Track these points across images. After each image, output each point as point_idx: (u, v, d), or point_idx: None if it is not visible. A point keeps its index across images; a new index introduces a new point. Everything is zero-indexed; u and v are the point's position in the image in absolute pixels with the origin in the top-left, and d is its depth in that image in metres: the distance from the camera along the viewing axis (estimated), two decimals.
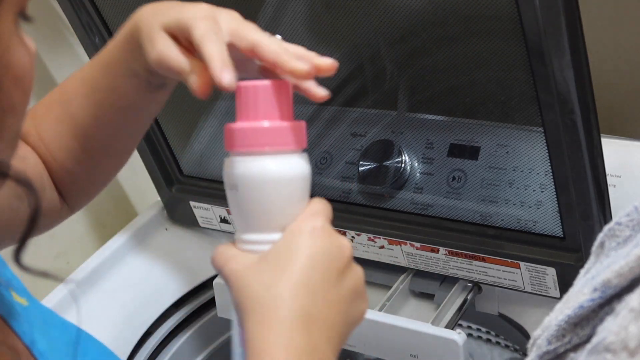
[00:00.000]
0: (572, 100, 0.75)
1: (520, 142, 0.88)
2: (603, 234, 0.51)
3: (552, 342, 0.50)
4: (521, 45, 0.77)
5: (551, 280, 0.90)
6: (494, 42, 0.83)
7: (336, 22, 0.91)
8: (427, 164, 0.94)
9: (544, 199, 0.87)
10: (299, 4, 0.92)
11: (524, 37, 0.75)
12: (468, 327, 1.16)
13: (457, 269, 0.96)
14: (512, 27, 0.77)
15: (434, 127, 0.94)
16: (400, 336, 0.96)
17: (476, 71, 0.87)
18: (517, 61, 0.80)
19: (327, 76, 0.58)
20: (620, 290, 0.47)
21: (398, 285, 1.02)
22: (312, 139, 1.01)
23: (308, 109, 1.00)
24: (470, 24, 0.84)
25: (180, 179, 1.13)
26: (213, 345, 1.21)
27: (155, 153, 1.11)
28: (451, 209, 0.93)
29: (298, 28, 0.94)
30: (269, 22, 0.95)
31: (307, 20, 0.92)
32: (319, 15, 0.92)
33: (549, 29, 0.72)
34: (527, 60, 0.77)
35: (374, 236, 0.99)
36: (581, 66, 0.74)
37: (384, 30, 0.89)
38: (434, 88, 0.92)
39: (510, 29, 0.78)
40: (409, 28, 0.88)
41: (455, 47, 0.87)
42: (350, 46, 0.93)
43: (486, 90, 0.88)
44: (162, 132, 1.09)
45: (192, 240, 1.19)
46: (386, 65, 0.93)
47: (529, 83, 0.79)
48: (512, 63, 0.81)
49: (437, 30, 0.87)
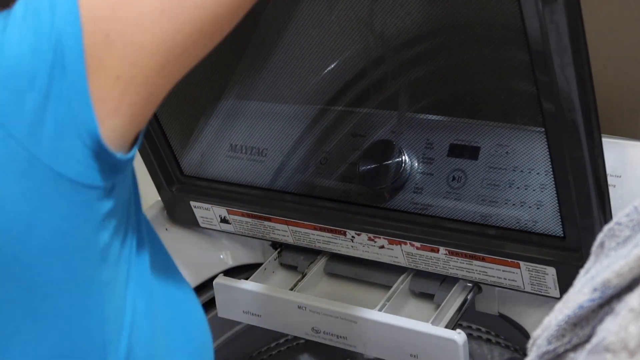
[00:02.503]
0: (573, 100, 0.75)
1: (521, 142, 0.88)
2: (603, 234, 0.51)
3: (552, 342, 0.50)
4: (522, 46, 0.76)
5: (551, 280, 0.90)
6: (495, 43, 0.83)
7: (339, 24, 0.91)
8: (427, 164, 0.94)
9: (544, 198, 0.87)
10: (303, 5, 0.92)
11: (526, 37, 0.75)
12: (468, 327, 1.16)
13: (457, 269, 0.96)
14: (513, 27, 0.77)
15: (434, 127, 0.94)
16: (400, 336, 0.96)
17: (477, 72, 0.88)
18: (517, 61, 0.80)
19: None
20: (620, 291, 0.46)
21: (398, 285, 1.02)
22: (313, 138, 1.01)
23: (308, 109, 1.00)
24: (472, 25, 0.84)
25: (181, 179, 1.13)
26: (213, 345, 1.21)
27: (156, 152, 1.11)
28: (451, 209, 0.93)
29: (302, 30, 0.94)
30: (271, 24, 0.95)
31: (310, 22, 0.92)
32: (322, 17, 0.92)
33: (551, 28, 0.72)
34: (528, 60, 0.77)
35: (374, 236, 0.99)
36: (582, 65, 0.74)
37: (386, 33, 0.89)
38: (434, 88, 0.93)
39: (512, 29, 0.78)
40: (411, 31, 0.88)
41: (456, 49, 0.87)
42: (352, 48, 0.93)
43: (487, 90, 0.88)
44: (163, 132, 1.09)
45: (192, 240, 1.19)
46: (387, 67, 0.93)
47: (530, 83, 0.79)
48: (513, 63, 0.81)
49: (439, 32, 0.87)
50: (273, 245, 1.14)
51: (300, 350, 1.27)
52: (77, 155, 0.58)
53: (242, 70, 1.02)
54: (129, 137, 0.60)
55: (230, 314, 1.10)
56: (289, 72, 0.99)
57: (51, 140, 0.57)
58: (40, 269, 0.60)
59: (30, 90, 0.56)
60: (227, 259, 1.19)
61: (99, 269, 0.62)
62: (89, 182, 0.59)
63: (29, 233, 0.58)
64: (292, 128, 1.02)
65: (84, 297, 0.62)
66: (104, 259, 0.62)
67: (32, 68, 0.56)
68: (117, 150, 0.59)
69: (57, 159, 0.57)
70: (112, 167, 0.60)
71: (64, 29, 0.56)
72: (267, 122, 1.04)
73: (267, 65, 0.99)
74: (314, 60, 0.96)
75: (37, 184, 0.58)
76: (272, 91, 1.01)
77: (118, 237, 0.63)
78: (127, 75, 0.57)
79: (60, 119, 0.57)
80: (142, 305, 0.66)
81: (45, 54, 0.56)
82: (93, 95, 0.56)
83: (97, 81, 0.56)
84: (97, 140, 0.57)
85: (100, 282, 0.62)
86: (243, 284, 1.08)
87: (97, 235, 0.61)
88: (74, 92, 0.56)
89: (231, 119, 1.06)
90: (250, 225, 1.10)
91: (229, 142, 1.07)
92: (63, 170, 0.57)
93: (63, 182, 0.58)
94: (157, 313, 0.68)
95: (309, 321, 1.03)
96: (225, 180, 1.09)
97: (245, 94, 1.03)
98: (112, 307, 0.63)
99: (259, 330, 1.15)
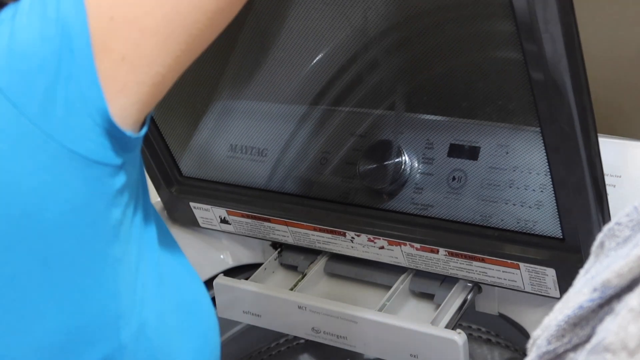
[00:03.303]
0: (569, 100, 0.75)
1: (521, 142, 0.88)
2: (603, 234, 0.51)
3: (552, 342, 0.50)
4: (517, 46, 0.76)
5: (551, 281, 0.90)
6: (492, 44, 0.83)
7: (337, 22, 0.91)
8: (427, 164, 0.94)
9: (544, 199, 0.87)
10: (302, 2, 0.91)
11: (519, 38, 0.75)
12: (468, 327, 1.16)
13: (457, 269, 0.96)
14: (507, 28, 0.77)
15: (434, 127, 0.94)
16: (400, 336, 0.96)
17: (476, 72, 0.88)
18: (512, 63, 0.80)
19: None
20: (620, 291, 0.46)
21: (398, 285, 1.02)
22: (313, 139, 1.01)
23: (308, 109, 1.00)
24: (471, 26, 0.84)
25: (180, 180, 1.13)
26: None
27: (154, 154, 1.11)
28: (451, 210, 0.93)
29: (300, 28, 0.94)
30: (270, 21, 0.94)
31: (307, 19, 0.92)
32: (321, 15, 0.91)
33: (543, 29, 0.71)
34: (522, 60, 0.77)
35: (373, 237, 0.99)
36: (577, 66, 0.74)
37: (385, 32, 0.89)
38: (434, 88, 0.92)
39: (505, 30, 0.78)
40: (411, 30, 0.88)
41: (456, 50, 0.87)
42: (352, 48, 0.93)
43: (484, 91, 0.88)
44: (160, 133, 1.09)
45: (192, 240, 1.19)
46: (387, 66, 0.93)
47: (525, 83, 0.79)
48: (508, 65, 0.81)
49: (438, 32, 0.87)
50: (273, 245, 1.14)
51: (300, 350, 1.27)
52: (88, 133, 0.60)
53: (240, 70, 1.02)
54: (139, 117, 0.63)
55: (230, 314, 1.10)
56: (287, 72, 0.98)
57: (63, 119, 0.60)
58: (55, 242, 0.62)
59: (40, 73, 0.59)
60: (227, 259, 1.19)
61: (111, 244, 0.64)
62: (100, 159, 0.61)
63: (44, 207, 0.61)
64: (292, 128, 1.02)
65: (98, 272, 0.64)
66: (116, 235, 0.64)
67: (41, 53, 0.59)
68: (127, 128, 0.62)
69: (69, 137, 0.60)
70: (123, 145, 0.62)
71: (70, 14, 0.59)
72: (266, 122, 1.03)
73: (266, 64, 0.99)
74: (313, 60, 0.96)
75: (51, 160, 0.60)
76: (271, 91, 1.01)
77: (128, 215, 0.66)
78: (132, 56, 0.60)
79: (71, 98, 0.59)
80: (152, 284, 0.68)
81: (52, 39, 0.59)
82: (101, 75, 0.60)
83: (103, 62, 0.60)
84: (107, 119, 0.60)
85: (113, 258, 0.65)
86: (243, 284, 1.08)
87: (109, 211, 0.63)
88: (83, 73, 0.59)
89: (229, 120, 1.06)
90: (250, 226, 1.10)
91: (227, 142, 1.07)
92: (75, 147, 0.60)
93: (76, 158, 0.60)
94: (166, 292, 0.70)
95: (309, 321, 1.03)
96: (225, 181, 1.09)
97: (243, 94, 1.03)
98: (124, 282, 0.66)
99: (259, 330, 1.15)
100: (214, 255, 1.18)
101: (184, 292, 0.74)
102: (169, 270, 0.72)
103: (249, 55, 0.99)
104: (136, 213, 0.67)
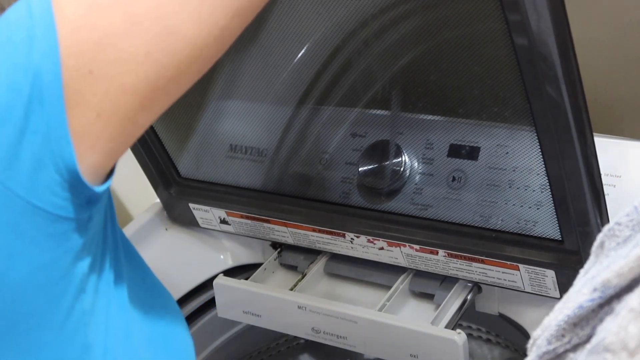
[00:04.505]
0: (563, 100, 0.75)
1: (521, 143, 0.88)
2: (603, 234, 0.51)
3: (552, 342, 0.50)
4: (510, 48, 0.76)
5: (551, 282, 0.90)
6: (492, 44, 0.83)
7: (337, 20, 0.91)
8: (427, 165, 0.94)
9: (544, 200, 0.87)
10: (300, 3, 0.91)
11: (510, 35, 0.74)
12: (468, 327, 1.16)
13: (457, 270, 0.96)
14: (498, 26, 0.77)
15: (434, 127, 0.94)
16: (400, 336, 0.96)
17: (475, 73, 0.87)
18: (508, 63, 0.80)
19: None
20: (620, 291, 0.46)
21: (398, 286, 1.02)
22: (312, 139, 1.01)
23: (308, 109, 1.00)
24: (471, 26, 0.84)
25: (178, 181, 1.13)
26: (213, 345, 1.21)
27: (151, 156, 1.10)
28: (451, 210, 0.93)
29: (298, 27, 0.93)
30: (268, 23, 0.94)
31: (307, 19, 0.92)
32: (320, 15, 0.91)
33: (538, 31, 0.71)
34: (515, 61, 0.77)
35: (373, 238, 0.99)
36: (571, 66, 0.74)
37: (384, 32, 0.89)
38: (434, 88, 0.92)
39: (500, 31, 0.78)
40: (410, 30, 0.88)
41: (455, 50, 0.87)
42: (351, 47, 0.93)
43: (483, 91, 0.88)
44: (157, 135, 1.08)
45: (192, 240, 1.19)
46: (387, 66, 0.93)
47: (520, 84, 0.79)
48: (504, 66, 0.81)
49: (437, 33, 0.87)
50: (273, 245, 1.14)
51: (300, 350, 1.27)
52: (54, 188, 0.57)
53: (239, 69, 1.01)
54: (106, 170, 0.60)
55: (230, 314, 1.10)
56: (286, 72, 0.98)
57: (28, 173, 0.56)
58: (22, 301, 0.59)
59: (4, 124, 0.55)
60: (227, 259, 1.19)
61: (79, 298, 0.62)
62: (66, 214, 0.59)
63: (9, 266, 0.58)
64: (291, 129, 1.02)
65: (67, 327, 0.62)
66: (83, 289, 0.62)
67: (7, 102, 0.55)
68: (94, 183, 0.59)
69: (33, 192, 0.57)
70: (89, 199, 0.60)
71: (43, 63, 0.55)
72: (265, 122, 1.03)
73: (264, 64, 0.98)
74: (313, 60, 0.96)
75: (14, 218, 0.57)
76: (270, 91, 1.01)
77: (96, 264, 0.63)
78: (108, 113, 0.57)
79: (38, 153, 0.56)
80: (122, 332, 0.66)
81: (21, 88, 0.55)
82: (72, 130, 0.56)
83: (77, 117, 0.56)
84: (75, 175, 0.57)
85: (81, 311, 0.62)
86: (243, 284, 1.08)
87: (76, 265, 0.61)
88: (53, 127, 0.56)
89: (227, 121, 1.05)
90: (249, 227, 1.10)
91: (225, 143, 1.07)
92: (40, 203, 0.57)
93: (40, 214, 0.57)
94: (136, 334, 0.68)
95: (309, 321, 1.03)
96: (223, 182, 1.09)
97: (242, 94, 1.03)
98: (94, 333, 0.63)
99: (259, 330, 1.15)
100: (214, 256, 1.18)
101: (157, 328, 0.72)
102: (141, 310, 0.69)
103: (247, 55, 0.99)
104: (105, 259, 0.64)
